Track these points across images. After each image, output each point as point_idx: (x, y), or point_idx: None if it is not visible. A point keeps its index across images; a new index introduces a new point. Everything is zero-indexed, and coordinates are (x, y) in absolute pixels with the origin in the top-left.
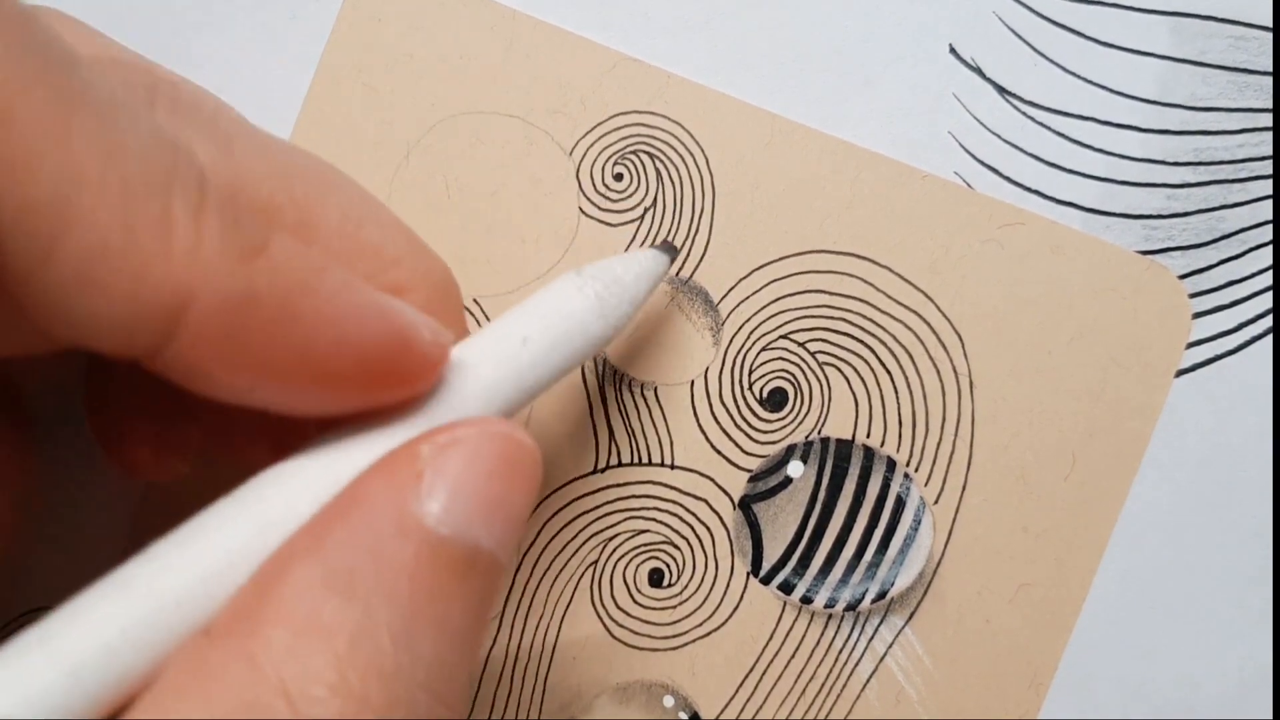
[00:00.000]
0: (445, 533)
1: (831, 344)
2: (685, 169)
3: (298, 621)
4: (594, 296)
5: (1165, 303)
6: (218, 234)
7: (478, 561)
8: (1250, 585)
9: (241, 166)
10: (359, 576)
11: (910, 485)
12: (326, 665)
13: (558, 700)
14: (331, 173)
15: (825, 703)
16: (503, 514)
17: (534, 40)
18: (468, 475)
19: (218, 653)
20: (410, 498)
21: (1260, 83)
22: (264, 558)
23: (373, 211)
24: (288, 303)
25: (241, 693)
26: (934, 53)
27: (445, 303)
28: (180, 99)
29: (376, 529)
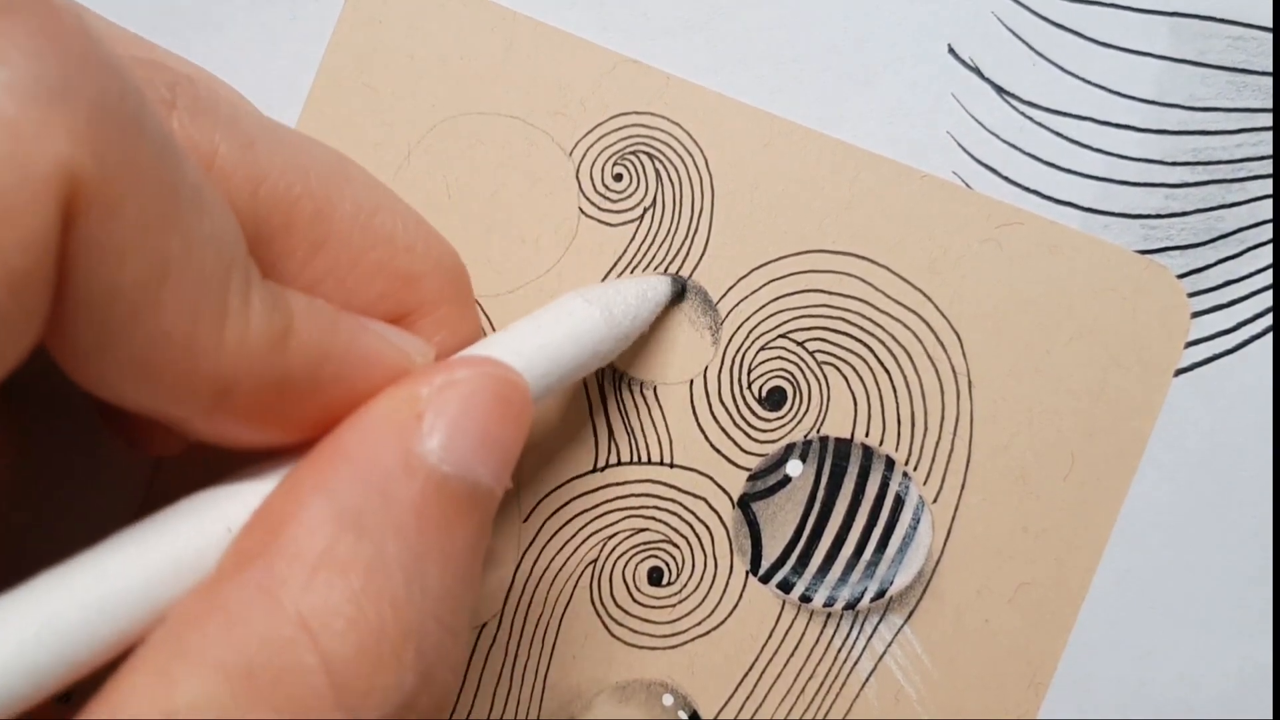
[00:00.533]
0: (447, 470)
1: (830, 343)
2: (685, 169)
3: (313, 558)
4: (601, 309)
5: (1164, 302)
6: (261, 320)
7: (478, 496)
8: (1250, 585)
9: (261, 163)
10: (369, 513)
11: (909, 484)
12: (344, 599)
13: (557, 699)
14: (345, 163)
15: (824, 701)
16: (499, 450)
17: (534, 41)
18: (466, 414)
19: (234, 589)
20: (413, 437)
21: (1259, 83)
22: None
23: (385, 200)
24: (313, 376)
25: (263, 627)
26: (933, 53)
27: (456, 288)
28: (200, 98)
29: (383, 467)
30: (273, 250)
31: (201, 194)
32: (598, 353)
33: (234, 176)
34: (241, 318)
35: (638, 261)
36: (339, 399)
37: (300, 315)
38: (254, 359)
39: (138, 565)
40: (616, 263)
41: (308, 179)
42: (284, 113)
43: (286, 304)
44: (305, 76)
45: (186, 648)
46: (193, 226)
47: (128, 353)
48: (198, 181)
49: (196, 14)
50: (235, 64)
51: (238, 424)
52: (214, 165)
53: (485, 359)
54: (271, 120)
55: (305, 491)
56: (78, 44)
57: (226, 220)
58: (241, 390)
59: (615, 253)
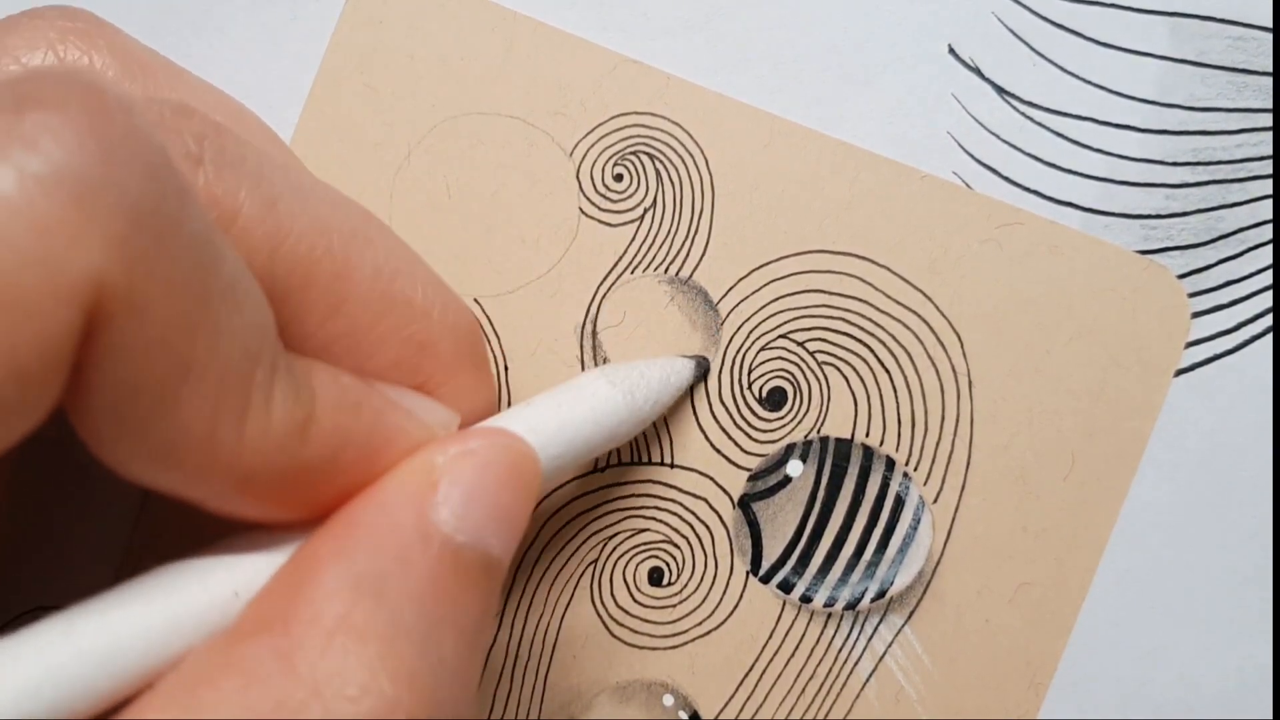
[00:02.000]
0: (461, 540)
1: (831, 343)
2: (685, 170)
3: (330, 623)
4: (624, 394)
5: (1164, 302)
6: (283, 412)
7: (488, 566)
8: (1250, 585)
9: (284, 223)
10: (387, 580)
11: (909, 484)
12: (359, 666)
13: (558, 699)
14: (368, 223)
15: (824, 702)
16: (509, 522)
17: (534, 42)
18: (480, 484)
19: (250, 650)
20: (428, 505)
21: (1259, 83)
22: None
23: (405, 263)
24: (333, 462)
25: (277, 690)
26: (933, 53)
27: (472, 356)
28: (227, 151)
29: (400, 535)
30: (288, 309)
31: (235, 288)
32: (615, 435)
33: (255, 234)
34: (263, 411)
35: (638, 262)
36: (359, 478)
37: (323, 400)
38: (274, 452)
39: (142, 621)
40: (616, 263)
41: (330, 240)
42: (284, 113)
43: (310, 390)
44: (305, 76)
45: (198, 704)
46: (221, 325)
47: (145, 443)
48: (234, 274)
49: (196, 14)
50: (235, 64)
51: (256, 506)
52: (237, 223)
53: (499, 430)
54: (298, 170)
55: (323, 558)
56: (123, 140)
57: (258, 310)
58: (261, 480)
59: (615, 253)
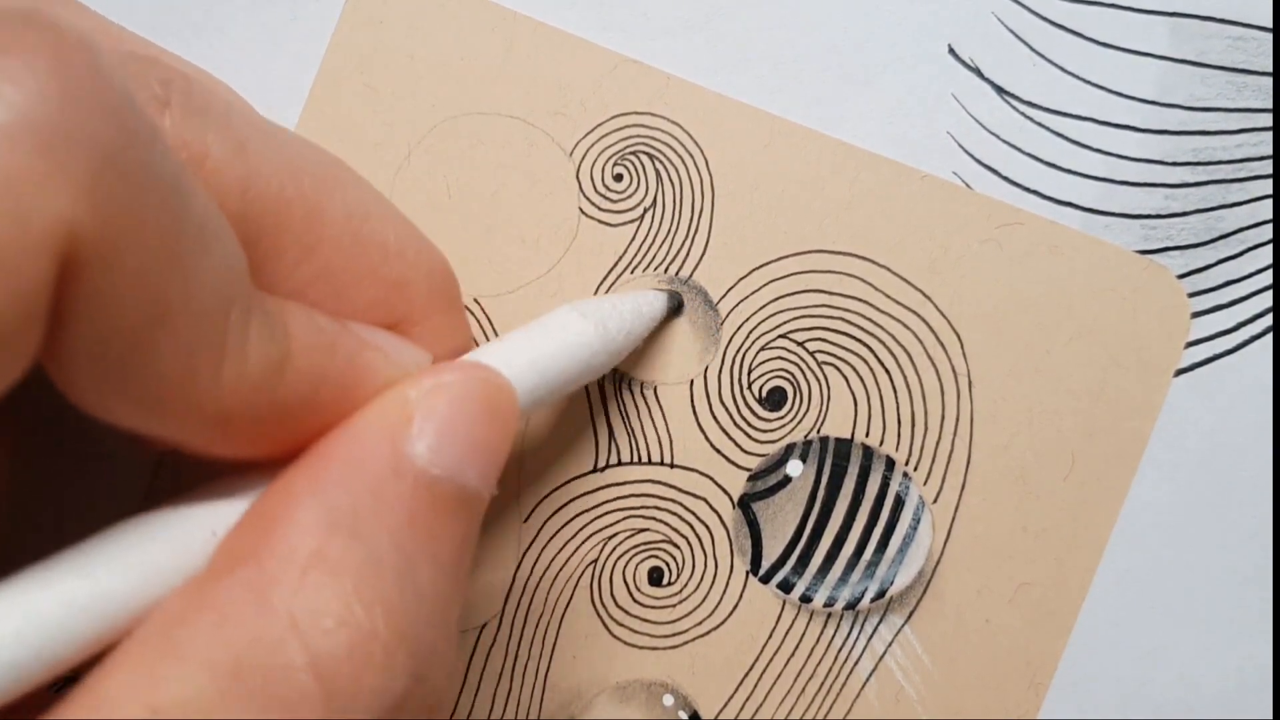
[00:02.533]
0: (436, 472)
1: (830, 343)
2: (685, 170)
3: (304, 558)
4: (595, 324)
5: (1164, 302)
6: (259, 352)
7: (465, 499)
8: (1250, 585)
9: (253, 165)
10: (361, 515)
11: (909, 484)
12: (335, 599)
13: (558, 699)
14: (338, 167)
15: (824, 702)
16: (486, 454)
17: (534, 42)
18: (455, 418)
19: (223, 588)
20: (403, 440)
21: (1259, 83)
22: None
23: (377, 205)
24: (310, 400)
25: (252, 626)
26: (933, 53)
27: (446, 296)
28: (194, 95)
29: (374, 469)
30: (262, 252)
31: (206, 229)
32: (590, 367)
33: (225, 176)
34: (239, 353)
35: (638, 262)
36: (335, 416)
37: (298, 340)
38: (251, 391)
39: (121, 565)
40: (616, 263)
41: (300, 181)
42: (284, 113)
43: (285, 330)
44: (305, 76)
45: (174, 645)
46: (194, 267)
47: (124, 388)
48: (204, 215)
49: (196, 14)
50: (235, 64)
51: (234, 445)
52: (205, 165)
53: (473, 364)
54: (266, 121)
55: (297, 493)
56: (86, 82)
57: (230, 252)
58: (239, 420)
59: (615, 253)
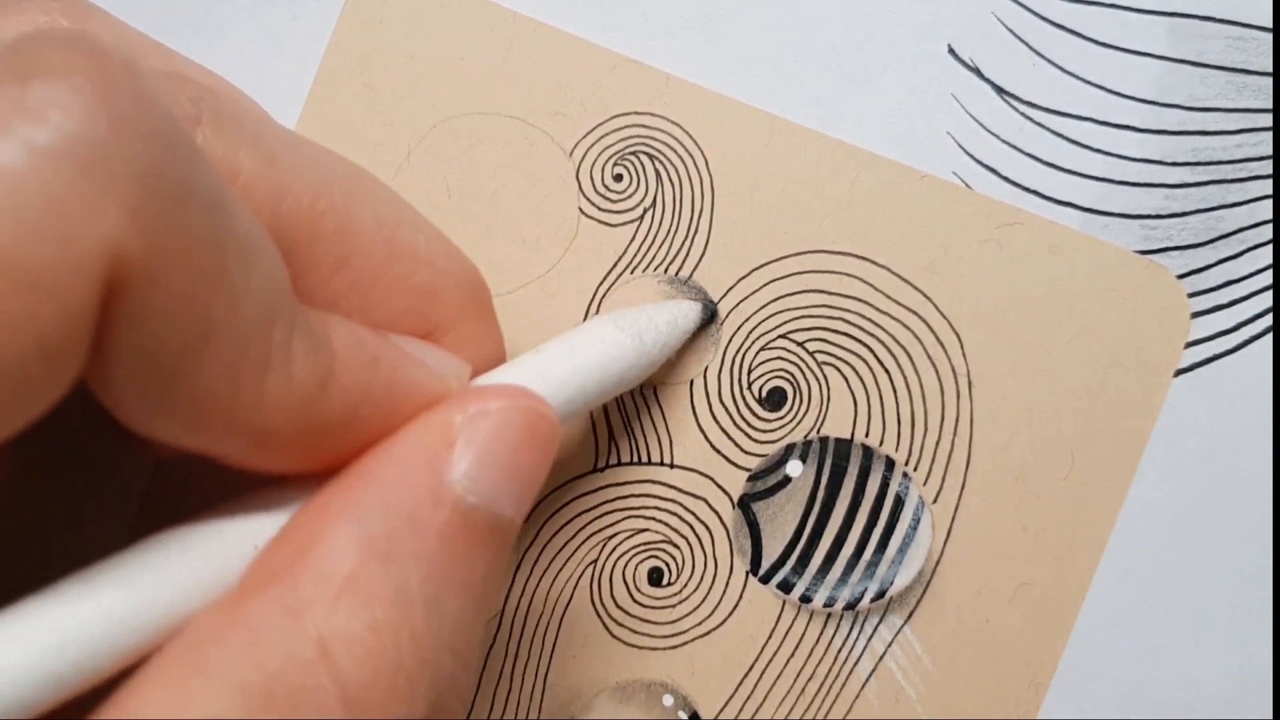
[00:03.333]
0: (473, 500)
1: (830, 343)
2: (685, 170)
3: (338, 582)
4: (632, 338)
5: (1164, 302)
6: (303, 368)
7: (500, 528)
8: (1250, 585)
9: (284, 178)
10: (397, 541)
11: (909, 484)
12: (365, 626)
13: (558, 700)
14: (366, 178)
15: (824, 702)
16: (523, 482)
17: (534, 42)
18: (495, 446)
19: (257, 606)
20: (444, 466)
21: (1259, 83)
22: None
23: (406, 214)
24: (352, 416)
25: (283, 647)
26: (933, 53)
27: (477, 303)
28: (224, 112)
29: (412, 495)
30: (296, 265)
31: (250, 245)
32: (624, 380)
33: (258, 191)
34: (283, 369)
35: (638, 262)
36: (379, 430)
37: (341, 355)
38: (296, 406)
39: (163, 577)
40: (616, 263)
41: (331, 193)
42: (284, 113)
43: (328, 345)
44: (305, 76)
45: (205, 663)
46: (238, 284)
47: (168, 405)
48: (247, 231)
49: (196, 14)
50: (235, 64)
51: (278, 459)
52: (238, 181)
53: (519, 390)
54: (294, 133)
55: (333, 514)
56: (130, 104)
57: (273, 267)
58: (283, 434)
59: (615, 253)
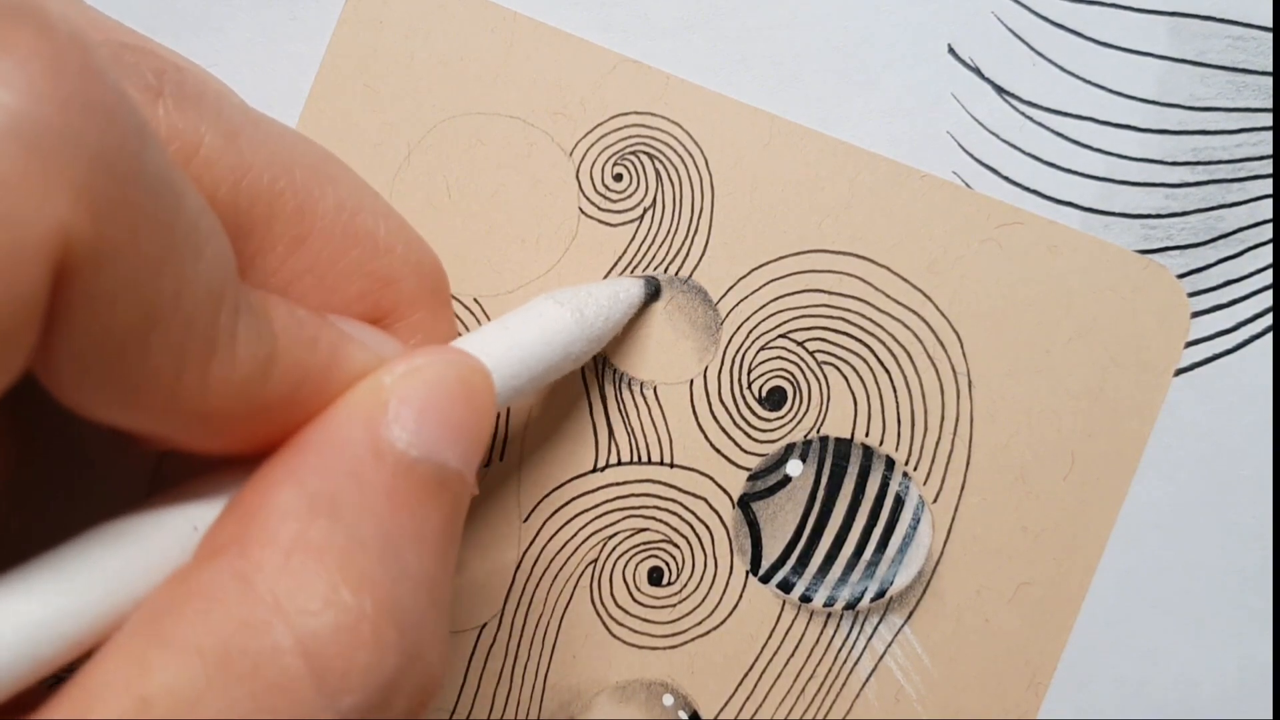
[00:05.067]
0: (415, 454)
1: (830, 343)
2: (684, 169)
3: (286, 542)
4: (572, 311)
5: (1164, 302)
6: (246, 352)
7: (447, 479)
8: (1250, 585)
9: (246, 154)
10: (341, 498)
11: (909, 484)
12: (319, 581)
13: (558, 699)
14: (329, 160)
15: (824, 701)
16: (465, 435)
17: (534, 42)
18: (430, 400)
19: (208, 575)
20: (380, 424)
21: (1259, 83)
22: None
23: (368, 200)
24: (293, 396)
25: (238, 611)
26: (933, 53)
27: (433, 292)
28: (186, 86)
29: (352, 454)
30: (252, 243)
31: (198, 229)
32: (569, 354)
33: (217, 167)
34: (228, 353)
35: (638, 261)
36: (318, 409)
37: (283, 336)
38: (238, 389)
39: (100, 564)
40: (616, 263)
41: (292, 174)
42: (284, 113)
43: (270, 327)
44: (305, 76)
45: (162, 633)
46: (185, 267)
47: (111, 387)
48: (196, 214)
49: (196, 14)
50: (235, 64)
51: (220, 441)
52: (198, 155)
53: (447, 348)
54: (259, 113)
55: (276, 480)
56: (80, 81)
57: (221, 250)
58: (225, 416)
59: (615, 252)
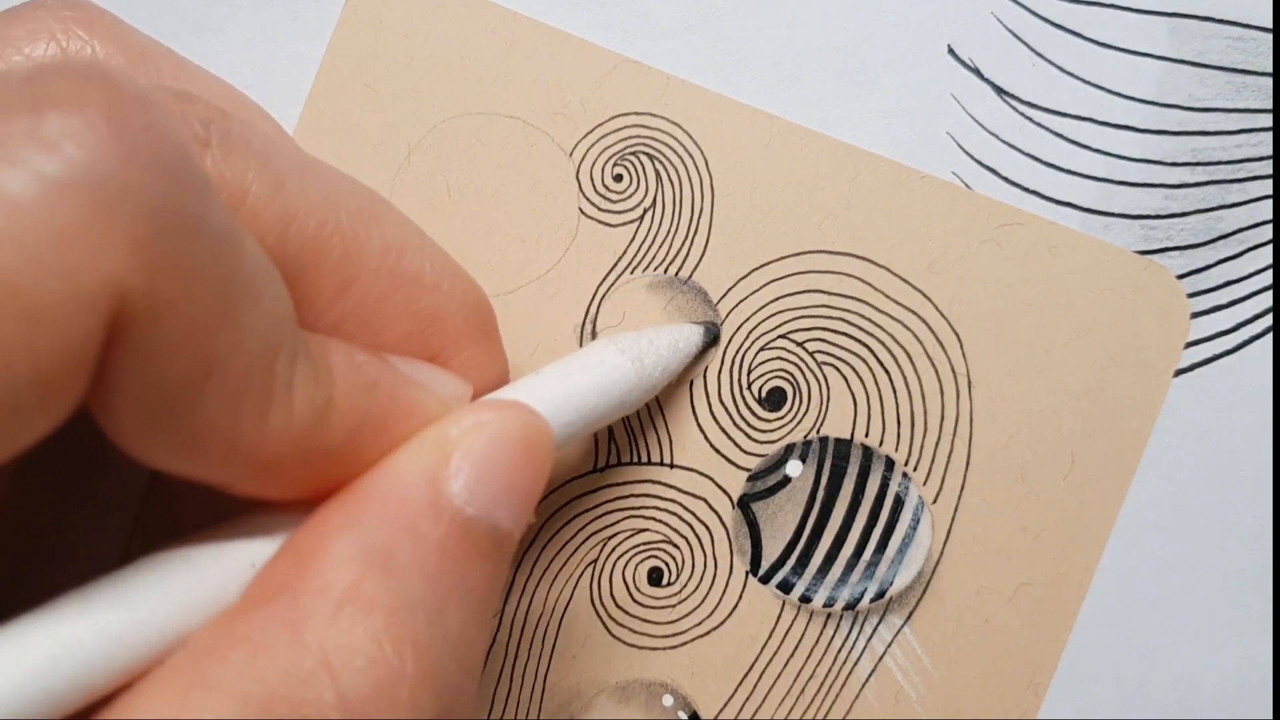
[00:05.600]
0: (471, 512)
1: (830, 343)
2: (684, 170)
3: (338, 594)
4: (633, 360)
5: (1163, 302)
6: (304, 401)
7: (498, 540)
8: (1250, 585)
9: (292, 202)
10: (396, 552)
11: (909, 484)
12: (366, 637)
13: (557, 700)
14: (375, 201)
15: (824, 702)
16: (520, 495)
17: (534, 42)
18: (492, 458)
19: (258, 621)
20: (441, 478)
21: (1258, 83)
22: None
23: (413, 238)
24: (352, 443)
25: (284, 661)
26: (932, 53)
27: (481, 328)
28: (233, 134)
29: (411, 507)
30: (301, 289)
31: (255, 279)
32: (625, 403)
33: (265, 215)
34: (285, 402)
35: (638, 262)
36: (380, 454)
37: (342, 383)
38: (297, 437)
39: (159, 594)
40: (616, 263)
41: (338, 218)
42: (284, 113)
43: (329, 374)
44: (305, 77)
45: (205, 675)
46: (243, 320)
47: (169, 436)
48: (254, 265)
49: (196, 14)
50: (235, 64)
51: (279, 488)
52: (245, 204)
53: (513, 403)
54: (304, 154)
55: (332, 528)
56: (143, 138)
57: (278, 299)
58: (284, 464)
59: (615, 253)
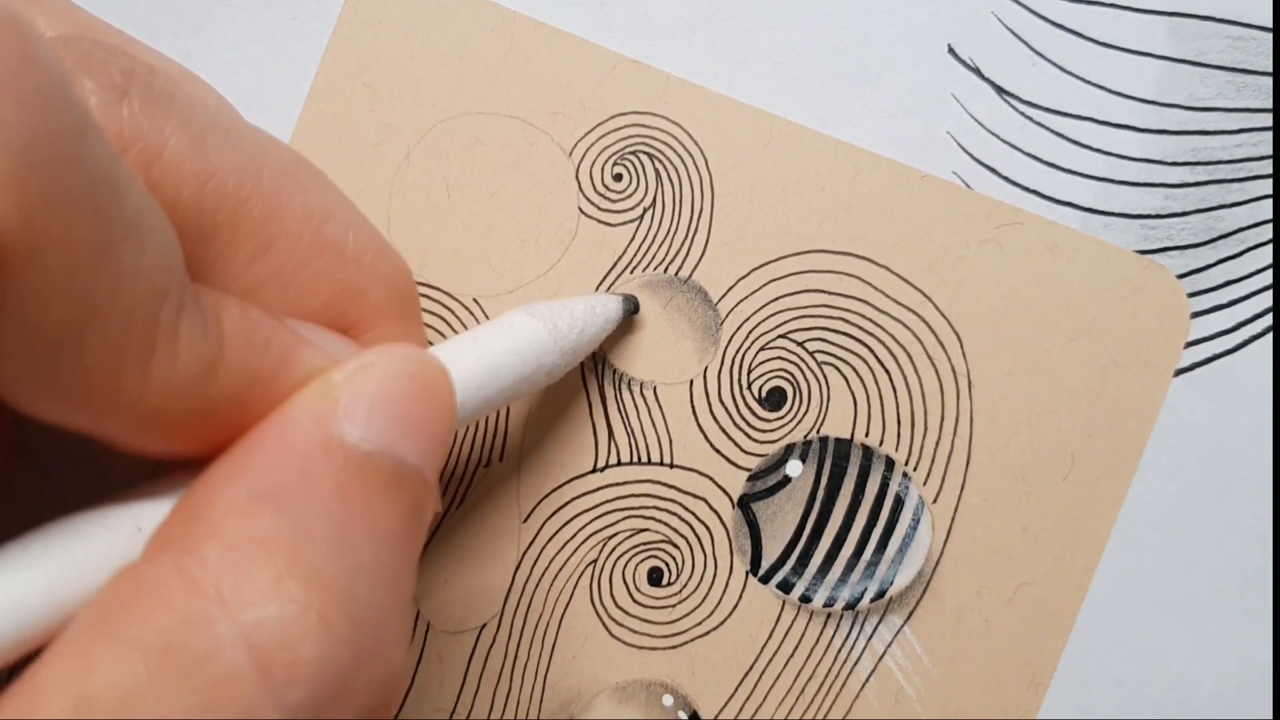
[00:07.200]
0: (368, 448)
1: (830, 343)
2: (684, 169)
3: (229, 536)
4: (544, 323)
5: (1164, 302)
6: (189, 351)
7: (405, 475)
8: (1250, 585)
9: (212, 160)
10: (286, 491)
11: (909, 484)
12: (263, 573)
13: (557, 700)
14: (300, 166)
15: (824, 702)
16: (423, 431)
17: (534, 42)
18: (383, 395)
19: (153, 571)
20: (329, 419)
21: (1258, 83)
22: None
23: (338, 208)
24: (241, 399)
25: (182, 606)
26: (932, 53)
27: (402, 304)
28: (155, 86)
29: (300, 449)
30: (215, 248)
31: (140, 223)
32: (541, 365)
33: (182, 170)
34: (169, 352)
35: (637, 261)
36: (267, 412)
37: (232, 338)
38: (181, 389)
39: (40, 566)
40: (616, 262)
41: (259, 179)
42: (284, 113)
43: (218, 327)
44: (305, 76)
45: (106, 630)
46: (124, 264)
47: (49, 384)
48: (138, 209)
49: (196, 14)
50: (235, 64)
51: (165, 442)
52: (162, 157)
53: (399, 345)
54: (233, 116)
55: (223, 477)
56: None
57: (164, 247)
58: (168, 417)
59: (615, 253)
